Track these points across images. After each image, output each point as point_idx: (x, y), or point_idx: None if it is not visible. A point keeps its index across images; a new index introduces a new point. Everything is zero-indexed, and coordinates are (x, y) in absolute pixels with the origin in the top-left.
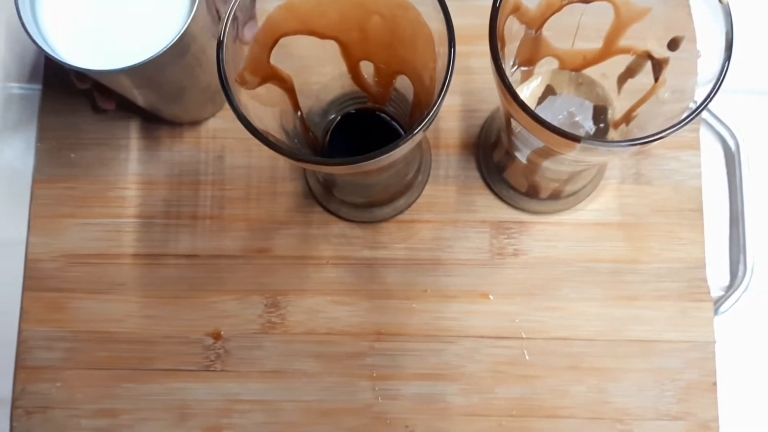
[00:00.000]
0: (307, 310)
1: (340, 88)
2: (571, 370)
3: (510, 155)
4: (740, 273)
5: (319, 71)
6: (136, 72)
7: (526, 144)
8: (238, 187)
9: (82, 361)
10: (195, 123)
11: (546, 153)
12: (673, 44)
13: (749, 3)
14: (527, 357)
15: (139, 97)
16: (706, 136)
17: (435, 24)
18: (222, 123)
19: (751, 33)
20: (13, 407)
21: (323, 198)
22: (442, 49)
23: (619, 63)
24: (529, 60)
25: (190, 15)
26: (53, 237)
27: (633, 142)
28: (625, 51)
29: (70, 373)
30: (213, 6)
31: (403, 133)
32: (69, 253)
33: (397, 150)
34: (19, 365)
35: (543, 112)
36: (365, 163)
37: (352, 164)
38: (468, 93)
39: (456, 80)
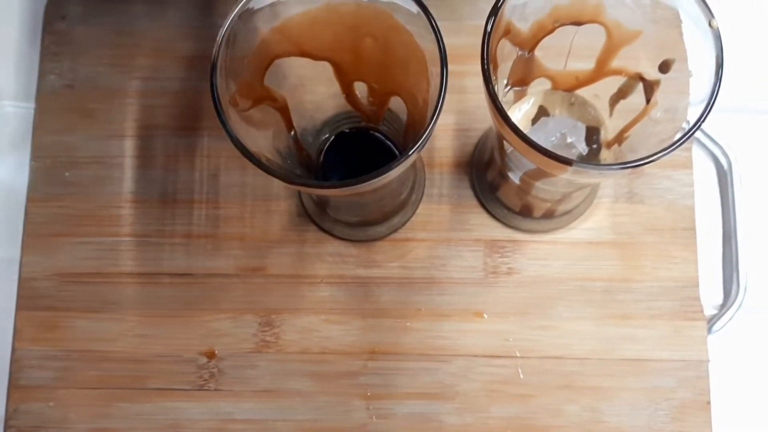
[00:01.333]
0: (301, 329)
1: (334, 108)
2: (565, 389)
3: (503, 175)
4: (733, 292)
5: (313, 91)
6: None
7: (519, 165)
8: (233, 206)
9: (75, 380)
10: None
11: (539, 174)
12: (665, 66)
13: (741, 21)
14: (521, 376)
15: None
16: (698, 155)
17: (427, 45)
18: (216, 141)
19: (743, 52)
20: (6, 427)
21: (317, 217)
22: (434, 70)
23: (611, 84)
24: (521, 80)
25: None
26: (47, 256)
27: (624, 165)
28: (617, 72)
29: (63, 393)
30: None
31: (397, 151)
32: (63, 271)
33: (391, 172)
34: (12, 384)
35: (536, 134)
36: (357, 186)
37: (345, 187)
38: (462, 112)
39: (450, 99)
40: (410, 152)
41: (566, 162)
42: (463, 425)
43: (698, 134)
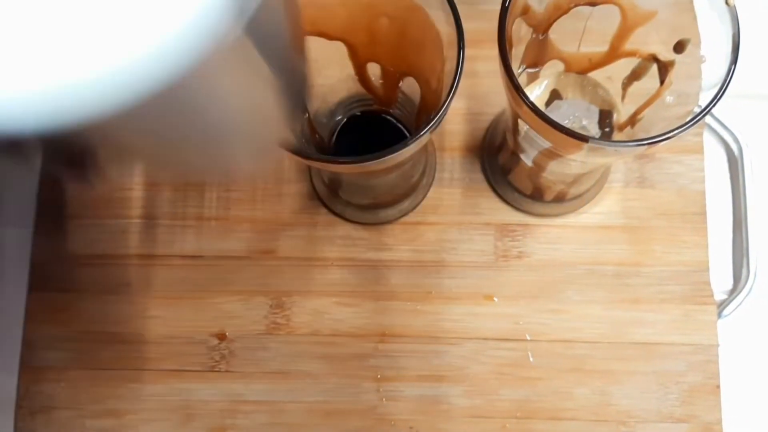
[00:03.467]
0: (311, 312)
1: (346, 90)
2: (575, 372)
3: (515, 157)
4: (743, 276)
5: (326, 73)
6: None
7: (533, 145)
8: (244, 189)
9: (86, 361)
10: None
11: (552, 154)
12: (679, 47)
13: (753, 8)
14: (531, 359)
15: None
16: (709, 141)
17: (444, 27)
18: None
19: (755, 38)
20: (18, 407)
21: (328, 200)
22: (450, 52)
23: (624, 66)
24: (535, 63)
25: None
26: (59, 238)
27: (639, 142)
28: (631, 54)
29: (74, 374)
30: None
31: (408, 135)
32: (74, 253)
33: (404, 151)
34: (24, 365)
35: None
36: (372, 162)
37: (359, 163)
38: (473, 96)
39: (462, 84)
40: (424, 131)
41: (582, 139)
42: (473, 407)
43: (709, 120)
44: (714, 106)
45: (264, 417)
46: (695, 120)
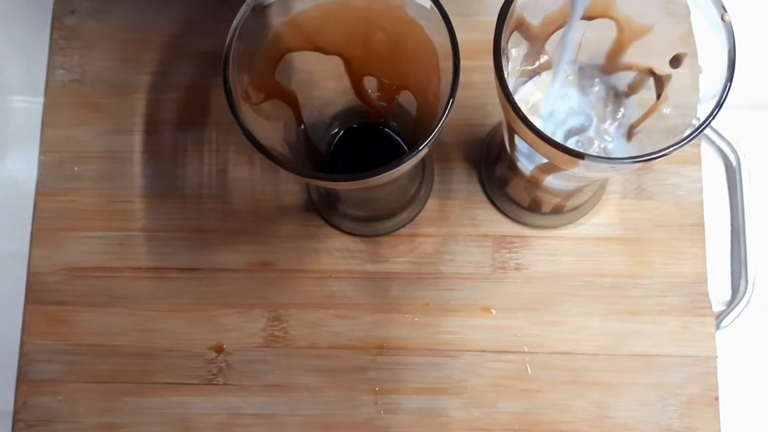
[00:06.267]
0: (309, 324)
1: (343, 103)
2: (573, 384)
3: (512, 170)
4: (742, 288)
5: (323, 86)
6: None
7: (530, 159)
8: (241, 201)
9: (83, 374)
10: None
11: (549, 168)
12: (675, 61)
13: (749, 17)
14: (529, 371)
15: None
16: (707, 151)
17: (439, 39)
18: (225, 136)
19: (752, 47)
20: (15, 420)
21: (326, 212)
22: (445, 65)
23: (621, 79)
24: (531, 75)
25: None
26: (55, 250)
27: (636, 159)
28: (627, 67)
29: (71, 387)
30: None
31: (405, 147)
32: (71, 266)
33: (402, 166)
34: (21, 378)
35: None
36: (367, 180)
37: (355, 180)
38: (470, 108)
39: (459, 95)
40: (422, 146)
41: (578, 156)
42: (471, 420)
43: (707, 130)
44: (710, 122)
45: (262, 430)
46: (691, 137)
